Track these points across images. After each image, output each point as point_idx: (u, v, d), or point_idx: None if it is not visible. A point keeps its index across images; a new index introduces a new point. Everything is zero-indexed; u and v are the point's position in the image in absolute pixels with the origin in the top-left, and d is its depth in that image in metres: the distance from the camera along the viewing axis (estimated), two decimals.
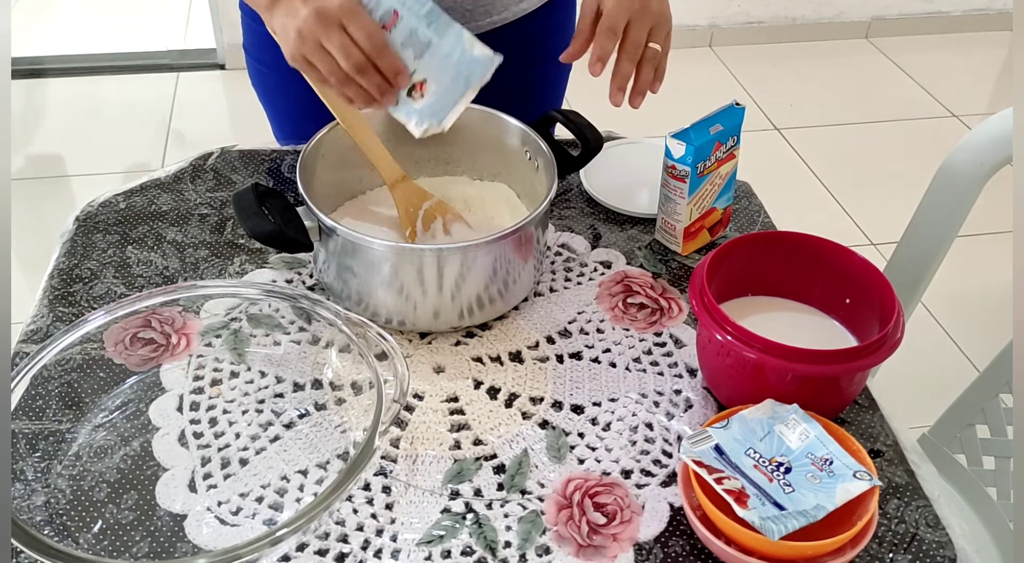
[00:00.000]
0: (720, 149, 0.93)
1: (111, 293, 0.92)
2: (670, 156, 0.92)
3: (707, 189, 0.94)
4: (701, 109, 0.95)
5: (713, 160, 0.93)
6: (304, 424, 0.80)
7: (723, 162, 0.94)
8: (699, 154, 0.91)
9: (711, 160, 0.92)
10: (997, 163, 1.06)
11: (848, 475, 0.69)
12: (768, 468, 0.70)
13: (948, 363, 2.00)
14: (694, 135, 0.91)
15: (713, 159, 0.93)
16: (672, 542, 0.72)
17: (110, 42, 3.09)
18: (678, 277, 0.96)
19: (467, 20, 1.04)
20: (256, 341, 0.87)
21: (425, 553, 0.71)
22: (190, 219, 1.02)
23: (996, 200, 1.26)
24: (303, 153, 0.89)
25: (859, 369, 0.74)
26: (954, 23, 3.30)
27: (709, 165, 0.93)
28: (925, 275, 1.17)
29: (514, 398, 0.83)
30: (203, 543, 0.71)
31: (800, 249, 0.85)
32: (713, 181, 0.94)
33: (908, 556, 0.72)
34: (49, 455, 0.77)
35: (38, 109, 2.77)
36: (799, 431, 0.72)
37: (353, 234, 0.81)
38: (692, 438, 0.72)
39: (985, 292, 2.15)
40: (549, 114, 0.96)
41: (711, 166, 0.93)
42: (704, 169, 0.92)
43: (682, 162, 0.91)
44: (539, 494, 0.75)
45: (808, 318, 0.86)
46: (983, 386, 1.12)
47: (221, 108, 2.83)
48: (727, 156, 0.94)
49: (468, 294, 0.85)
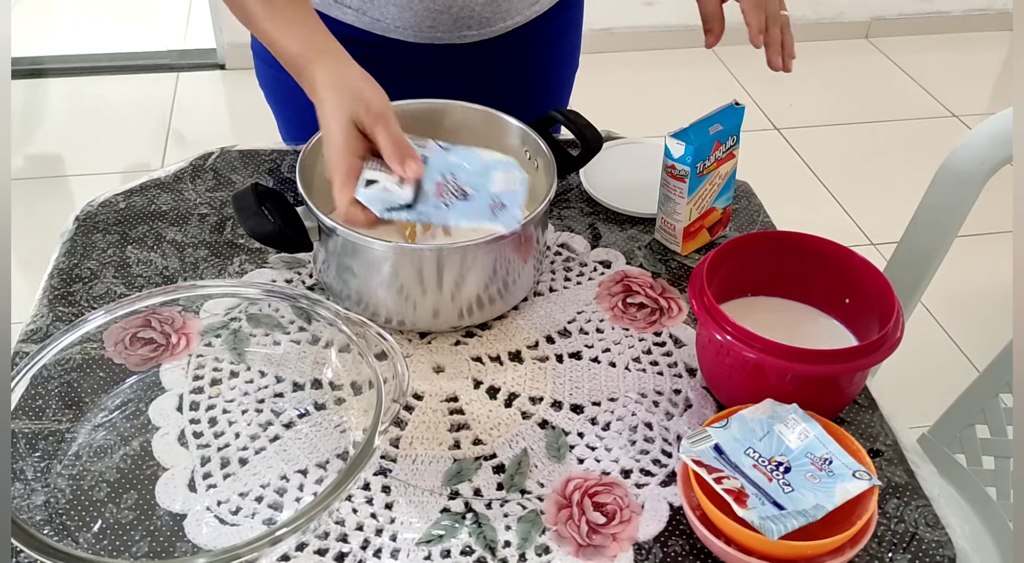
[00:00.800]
0: (719, 149, 0.93)
1: (111, 293, 0.92)
2: (669, 156, 0.92)
3: (707, 189, 0.94)
4: (701, 109, 0.95)
5: (712, 160, 0.93)
6: (304, 424, 0.80)
7: (722, 162, 0.94)
8: (698, 154, 0.91)
9: (711, 160, 0.92)
10: (997, 163, 1.07)
11: (848, 474, 0.69)
12: (767, 468, 0.70)
13: (948, 363, 2.00)
14: (693, 135, 0.91)
15: (712, 159, 0.93)
16: (672, 542, 0.72)
17: (110, 42, 3.09)
18: (678, 277, 0.96)
19: (482, 27, 1.05)
20: (256, 341, 0.87)
21: (425, 553, 0.71)
22: (190, 219, 1.02)
23: (996, 200, 1.26)
24: (303, 153, 0.89)
25: (859, 369, 0.74)
26: (954, 23, 3.30)
27: (709, 165, 0.93)
28: (925, 275, 1.17)
29: (514, 398, 0.83)
30: (203, 543, 0.71)
31: (800, 249, 0.85)
32: (713, 181, 0.94)
33: (908, 556, 0.72)
34: (49, 455, 0.77)
35: (38, 109, 2.77)
36: (798, 431, 0.72)
37: (353, 234, 0.81)
38: (691, 438, 0.72)
39: (985, 292, 2.15)
40: (549, 114, 0.96)
41: (711, 166, 0.93)
42: (704, 169, 0.92)
43: (681, 162, 0.91)
44: (539, 494, 0.75)
45: (808, 318, 0.86)
46: (983, 386, 1.12)
47: (221, 108, 2.83)
48: (727, 156, 0.94)
49: (468, 294, 0.85)
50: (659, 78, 2.98)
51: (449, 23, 1.03)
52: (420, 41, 1.05)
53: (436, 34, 1.04)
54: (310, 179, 0.90)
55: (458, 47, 1.06)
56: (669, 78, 2.97)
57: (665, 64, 3.05)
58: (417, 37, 1.04)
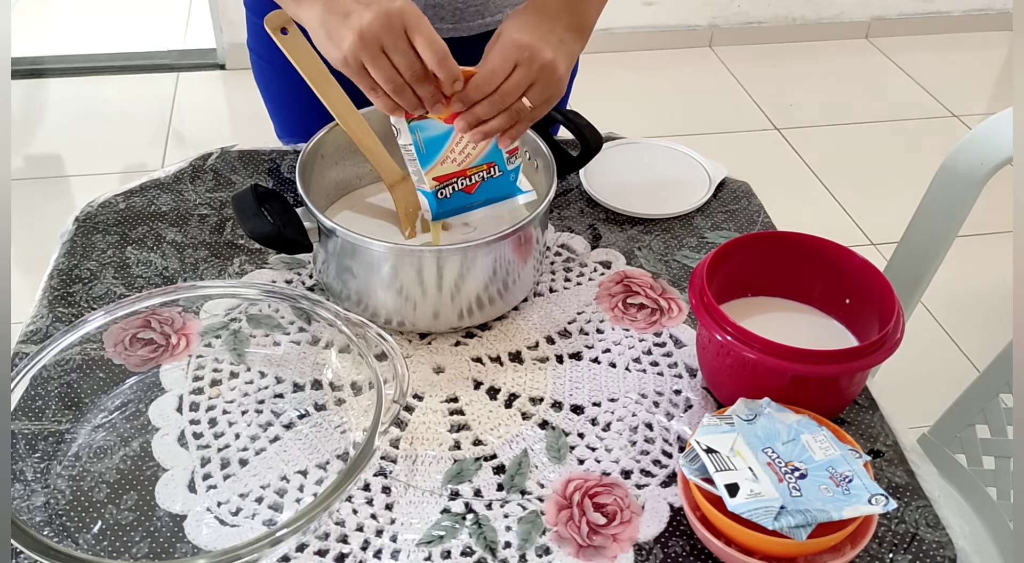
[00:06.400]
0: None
1: (111, 293, 0.92)
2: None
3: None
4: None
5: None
6: (304, 424, 0.80)
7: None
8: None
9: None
10: (997, 163, 1.06)
11: (863, 497, 0.67)
12: (782, 468, 0.69)
13: (948, 363, 2.00)
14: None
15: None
16: (672, 542, 0.72)
17: (110, 42, 3.09)
18: (678, 277, 0.96)
19: (456, 21, 1.03)
20: (256, 341, 0.87)
21: (425, 553, 0.71)
22: (190, 219, 1.02)
23: (996, 200, 1.27)
24: (303, 154, 0.89)
25: (859, 369, 0.74)
26: (954, 23, 3.30)
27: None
28: (925, 275, 1.17)
29: (514, 398, 0.83)
30: (203, 543, 0.71)
31: (800, 249, 0.85)
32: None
33: (908, 556, 0.72)
34: (49, 455, 0.77)
35: (38, 109, 2.77)
36: (826, 446, 0.71)
37: (352, 235, 0.81)
38: (687, 455, 0.71)
39: (985, 292, 2.15)
40: (549, 114, 0.96)
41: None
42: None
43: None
44: (539, 494, 0.75)
45: (808, 318, 0.86)
46: (983, 386, 1.12)
47: (221, 108, 2.83)
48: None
49: (468, 294, 0.85)
50: (659, 78, 2.98)
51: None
52: None
53: None
54: (309, 180, 0.90)
55: None
56: (669, 78, 2.97)
57: (665, 64, 3.05)
58: None
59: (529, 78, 0.78)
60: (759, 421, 0.73)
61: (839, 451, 0.70)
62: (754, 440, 0.71)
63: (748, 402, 0.74)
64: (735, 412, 0.73)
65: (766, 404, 0.74)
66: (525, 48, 0.77)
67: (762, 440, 0.71)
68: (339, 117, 0.91)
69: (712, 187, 1.07)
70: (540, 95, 0.79)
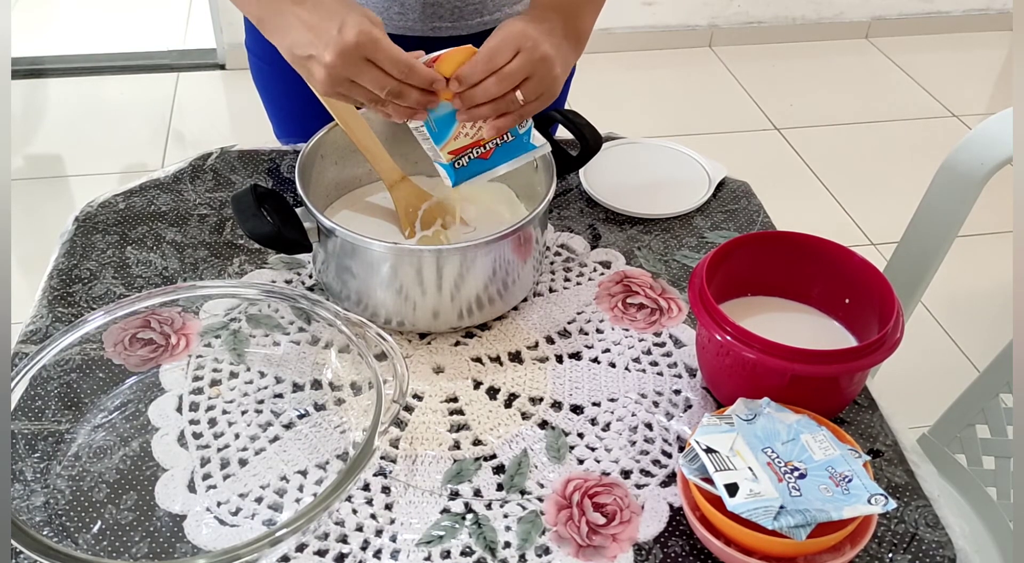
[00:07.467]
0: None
1: (110, 293, 0.92)
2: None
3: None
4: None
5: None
6: (303, 424, 0.80)
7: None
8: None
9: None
10: (997, 163, 1.06)
11: (863, 497, 0.67)
12: (781, 468, 0.69)
13: (948, 363, 1.99)
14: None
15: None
16: (672, 542, 0.72)
17: (110, 42, 3.09)
18: (678, 277, 0.96)
19: (455, 19, 1.03)
20: (255, 341, 0.87)
21: (424, 553, 0.71)
22: (189, 219, 1.02)
23: (996, 200, 1.27)
24: (302, 154, 0.89)
25: (859, 369, 0.74)
26: (954, 23, 3.30)
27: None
28: (925, 275, 1.17)
29: (513, 398, 0.83)
30: (202, 543, 0.71)
31: (800, 249, 0.85)
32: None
33: (908, 556, 0.72)
34: (48, 455, 0.77)
35: (38, 109, 2.77)
36: (825, 446, 0.71)
37: (352, 235, 0.81)
38: (687, 455, 0.71)
39: (985, 292, 2.15)
40: (548, 114, 0.96)
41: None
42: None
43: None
44: (539, 494, 0.75)
45: (808, 318, 0.86)
46: (983, 386, 1.12)
47: (221, 108, 2.83)
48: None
49: (467, 294, 0.85)
50: (659, 78, 2.97)
51: (418, 9, 1.01)
52: (391, 31, 0.99)
53: (406, 23, 1.02)
54: (309, 180, 0.90)
55: (433, 41, 1.03)
56: (668, 78, 2.97)
57: (665, 64, 3.05)
58: (388, 26, 1.00)
59: (529, 65, 0.78)
60: (759, 421, 0.72)
61: (839, 451, 0.70)
62: (754, 440, 0.71)
63: (748, 402, 0.74)
64: (735, 412, 0.74)
65: (766, 404, 0.74)
66: (528, 37, 0.78)
67: (762, 440, 0.71)
68: (339, 117, 0.91)
69: (712, 187, 1.07)
70: (534, 90, 0.80)
